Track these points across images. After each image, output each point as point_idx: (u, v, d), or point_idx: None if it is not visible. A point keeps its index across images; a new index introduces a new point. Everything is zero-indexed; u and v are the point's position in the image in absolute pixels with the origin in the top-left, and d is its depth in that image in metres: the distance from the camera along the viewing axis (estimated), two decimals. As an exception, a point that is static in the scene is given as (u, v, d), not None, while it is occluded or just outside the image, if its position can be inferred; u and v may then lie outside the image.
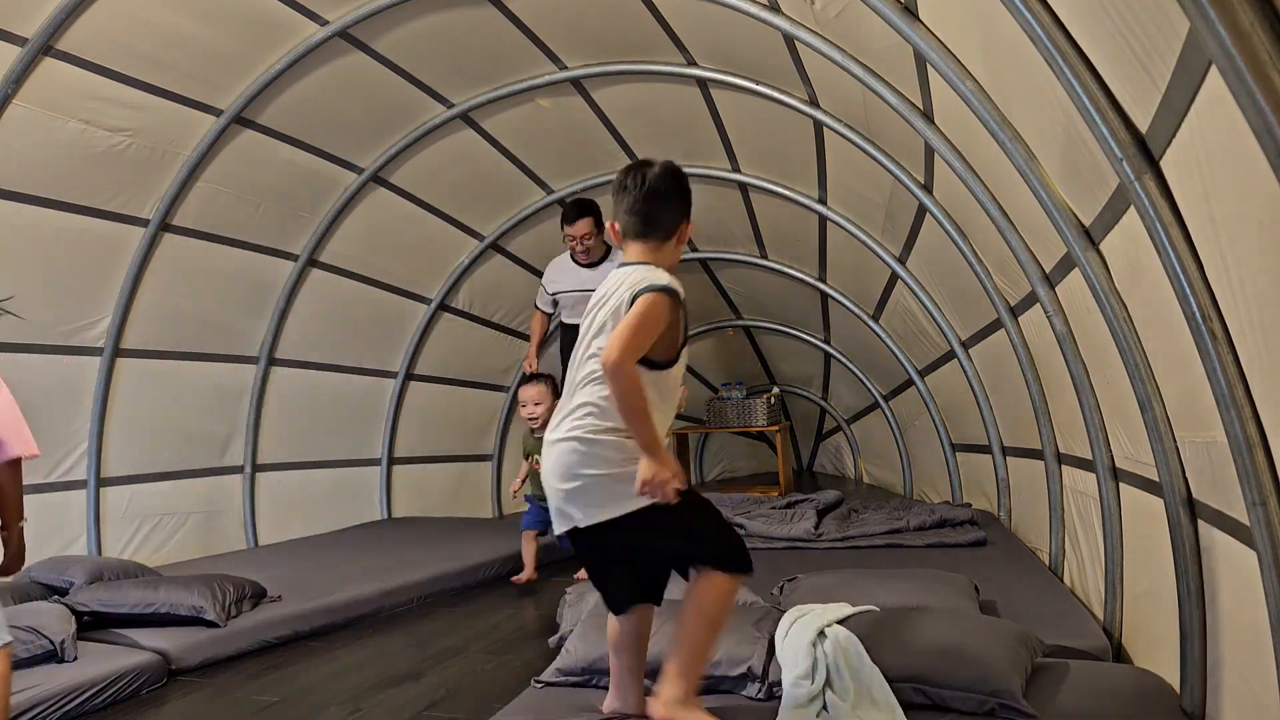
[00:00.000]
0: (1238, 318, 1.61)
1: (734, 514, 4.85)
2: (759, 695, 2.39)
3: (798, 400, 8.47)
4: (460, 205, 6.09)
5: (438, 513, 6.60)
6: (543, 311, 5.09)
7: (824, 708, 2.25)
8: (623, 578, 2.26)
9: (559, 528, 2.22)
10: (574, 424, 2.16)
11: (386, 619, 4.23)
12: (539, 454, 4.16)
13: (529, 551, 4.78)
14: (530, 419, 4.64)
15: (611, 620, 2.30)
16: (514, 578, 4.77)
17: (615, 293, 2.19)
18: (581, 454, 2.13)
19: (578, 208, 4.70)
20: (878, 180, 4.46)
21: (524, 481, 4.80)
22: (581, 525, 2.14)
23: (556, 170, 5.99)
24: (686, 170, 6.40)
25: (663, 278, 2.17)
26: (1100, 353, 2.68)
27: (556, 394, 4.35)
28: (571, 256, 4.76)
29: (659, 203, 2.33)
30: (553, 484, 2.20)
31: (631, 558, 2.23)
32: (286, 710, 3.13)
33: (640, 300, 2.10)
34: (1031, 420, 3.84)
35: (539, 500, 4.67)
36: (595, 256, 4.70)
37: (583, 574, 4.58)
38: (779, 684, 2.34)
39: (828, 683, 2.29)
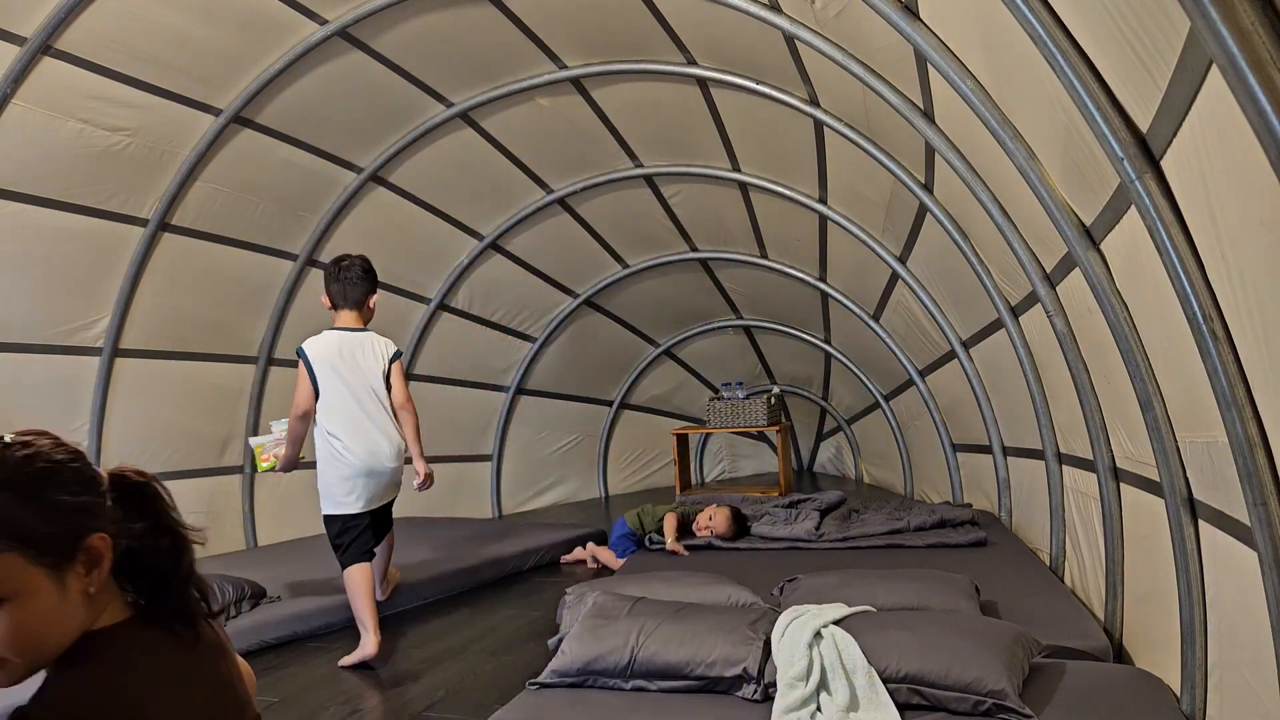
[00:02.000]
0: (1239, 317, 1.60)
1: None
2: (755, 696, 2.38)
3: (798, 400, 8.47)
4: (460, 205, 6.09)
5: (438, 513, 6.59)
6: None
7: (818, 709, 2.25)
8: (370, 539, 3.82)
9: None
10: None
11: (386, 619, 4.23)
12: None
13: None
14: (713, 534, 4.61)
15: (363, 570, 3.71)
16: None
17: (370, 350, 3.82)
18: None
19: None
20: (878, 180, 4.46)
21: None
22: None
23: (556, 170, 5.98)
24: (686, 170, 6.43)
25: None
26: (1101, 353, 2.67)
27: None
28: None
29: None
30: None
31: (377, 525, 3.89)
32: (286, 710, 3.13)
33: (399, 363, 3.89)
34: (1032, 420, 3.84)
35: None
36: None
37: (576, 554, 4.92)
38: (775, 685, 2.34)
39: (823, 683, 2.29)
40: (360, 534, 3.75)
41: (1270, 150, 1.19)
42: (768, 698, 2.36)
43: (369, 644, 3.58)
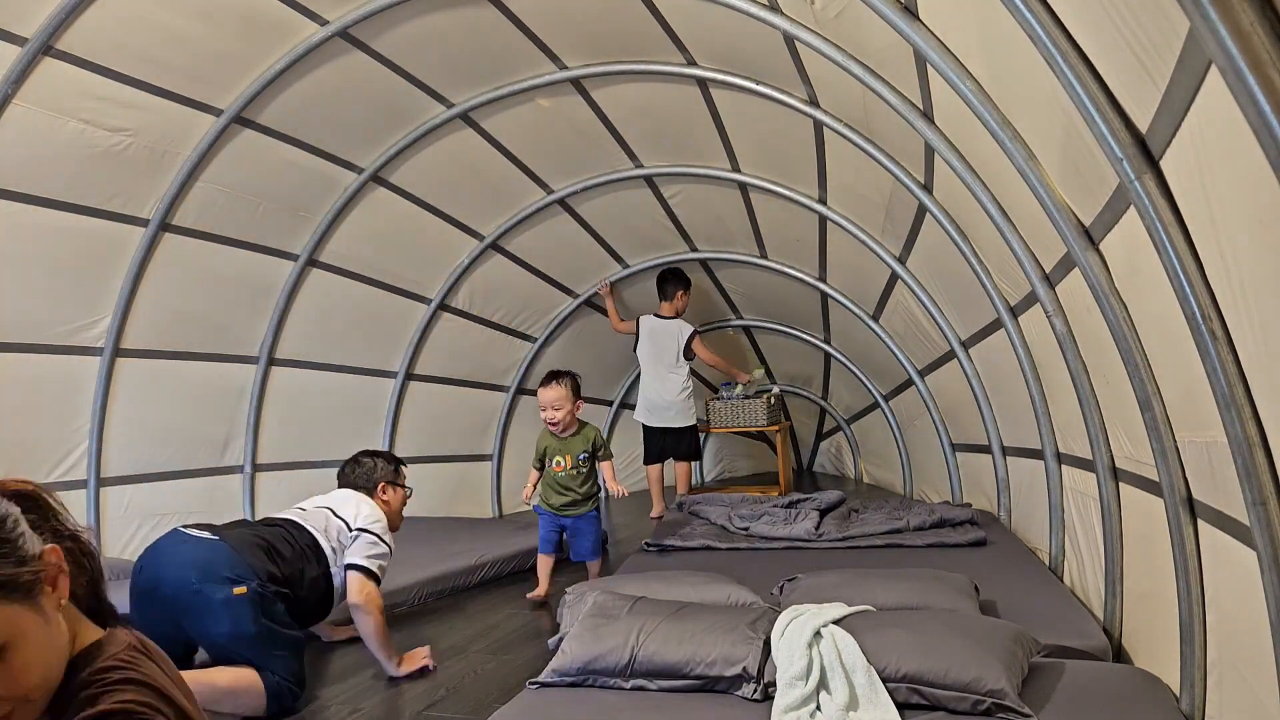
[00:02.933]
0: (1238, 317, 1.61)
1: (735, 514, 4.85)
2: (754, 695, 2.39)
3: (798, 400, 8.47)
4: (460, 205, 6.09)
5: (438, 513, 6.59)
6: None
7: (818, 708, 2.25)
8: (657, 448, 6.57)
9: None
10: None
11: (386, 619, 4.23)
12: (561, 455, 4.58)
13: (545, 569, 4.57)
14: (550, 424, 4.48)
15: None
16: (528, 594, 4.54)
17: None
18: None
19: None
20: (878, 180, 4.46)
21: (535, 489, 4.61)
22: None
23: (556, 170, 5.99)
24: (686, 170, 6.50)
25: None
26: (1100, 353, 2.68)
27: (577, 395, 4.52)
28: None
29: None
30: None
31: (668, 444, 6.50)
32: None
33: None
34: (1031, 420, 3.84)
35: (554, 512, 4.53)
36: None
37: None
38: (775, 684, 2.34)
39: (822, 683, 2.29)
40: (650, 441, 6.78)
41: (1270, 150, 1.19)
42: (767, 697, 2.36)
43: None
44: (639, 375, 8.12)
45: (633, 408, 8.29)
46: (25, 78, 3.97)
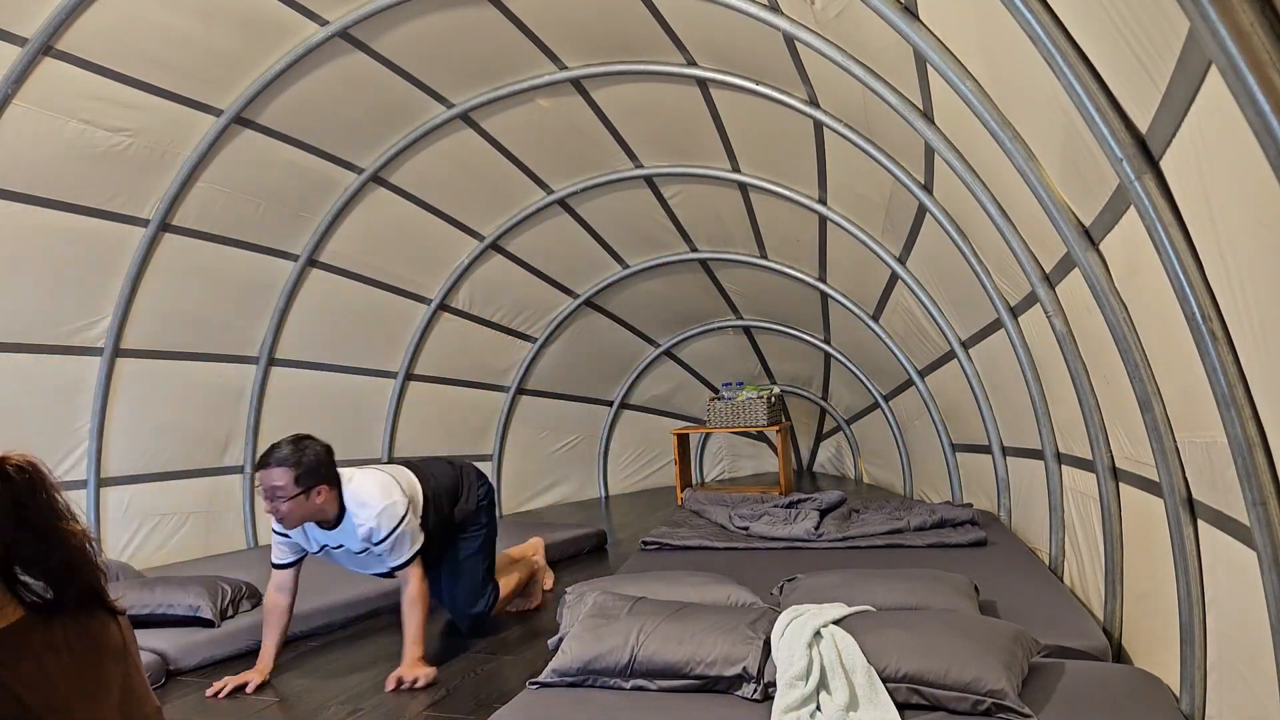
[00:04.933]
0: (1238, 318, 1.61)
1: (735, 514, 4.85)
2: (754, 695, 2.39)
3: (798, 400, 8.47)
4: (460, 205, 6.09)
5: (438, 513, 6.59)
6: None
7: (818, 708, 2.25)
8: None
9: None
10: None
11: (386, 619, 4.23)
12: None
13: None
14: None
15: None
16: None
17: None
18: None
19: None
20: (878, 180, 4.46)
21: None
22: None
23: (556, 170, 5.99)
24: (686, 170, 6.44)
25: None
26: (1100, 353, 2.67)
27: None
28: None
29: None
30: None
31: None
32: (286, 710, 3.13)
33: None
34: (1031, 420, 3.84)
35: None
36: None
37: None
38: (775, 684, 2.34)
39: (822, 683, 2.29)
40: None
41: (1269, 150, 1.19)
42: (767, 697, 2.36)
43: None
44: (639, 375, 8.18)
45: (634, 408, 8.32)
46: (25, 78, 3.98)
